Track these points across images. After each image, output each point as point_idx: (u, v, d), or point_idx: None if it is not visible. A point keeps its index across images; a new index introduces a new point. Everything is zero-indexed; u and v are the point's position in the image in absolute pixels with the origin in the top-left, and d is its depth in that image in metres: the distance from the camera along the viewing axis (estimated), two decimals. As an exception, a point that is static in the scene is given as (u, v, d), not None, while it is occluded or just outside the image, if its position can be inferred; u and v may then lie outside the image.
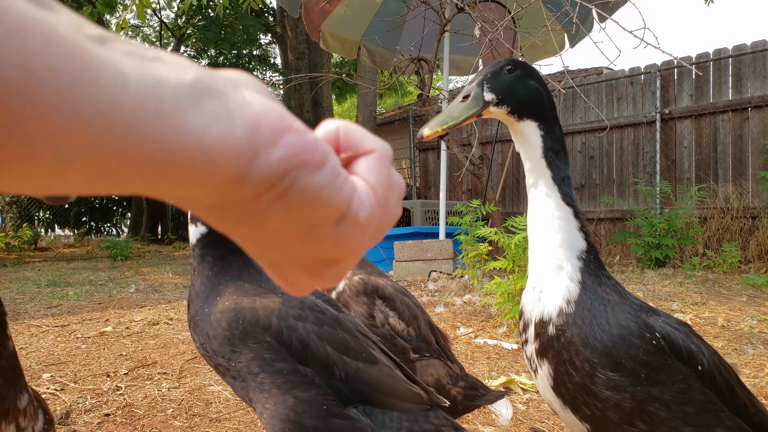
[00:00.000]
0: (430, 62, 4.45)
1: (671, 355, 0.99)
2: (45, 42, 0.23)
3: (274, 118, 0.30)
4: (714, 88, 6.83)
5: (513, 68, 1.07)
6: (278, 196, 0.31)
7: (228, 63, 12.88)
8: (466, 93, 1.07)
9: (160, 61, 0.28)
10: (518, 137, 1.11)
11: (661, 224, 6.16)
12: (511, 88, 1.06)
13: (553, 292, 1.04)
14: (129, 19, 14.74)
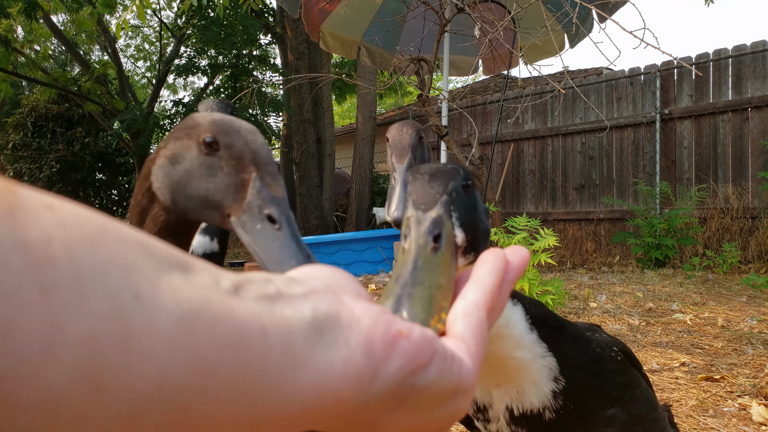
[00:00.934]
0: (429, 62, 4.45)
1: (630, 365, 1.00)
2: (211, 331, 0.24)
3: (383, 328, 0.31)
4: (714, 88, 6.83)
5: (472, 185, 0.64)
6: (398, 404, 0.31)
7: (228, 63, 12.87)
8: (434, 230, 0.55)
9: (281, 297, 0.29)
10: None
11: (661, 224, 6.16)
12: (477, 223, 0.61)
13: (537, 385, 0.89)
14: (129, 19, 14.73)
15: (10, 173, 16.17)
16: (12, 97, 15.31)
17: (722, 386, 2.33)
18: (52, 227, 0.22)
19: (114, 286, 0.22)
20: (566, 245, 7.87)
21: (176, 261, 0.26)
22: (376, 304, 0.34)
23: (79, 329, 0.21)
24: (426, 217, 0.57)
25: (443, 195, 0.59)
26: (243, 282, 0.29)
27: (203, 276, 0.27)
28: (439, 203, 0.58)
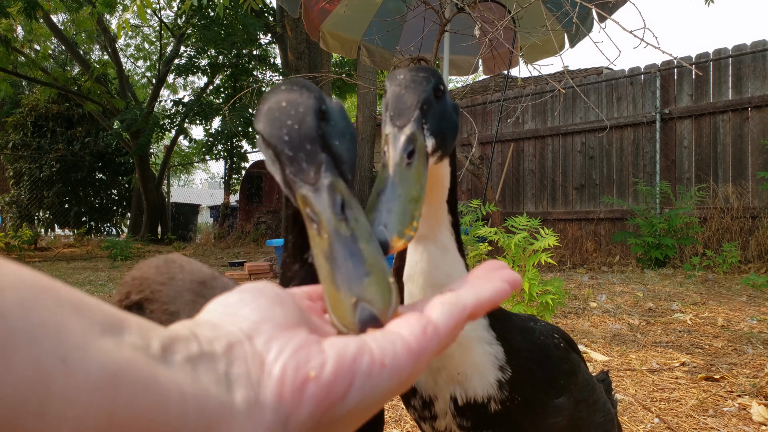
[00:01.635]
0: (429, 62, 4.45)
1: (571, 351, 0.99)
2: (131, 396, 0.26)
3: (292, 376, 0.32)
4: (714, 88, 6.83)
5: (442, 89, 0.71)
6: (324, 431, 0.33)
7: (228, 62, 12.88)
8: (407, 147, 0.63)
9: (202, 357, 0.31)
10: (429, 201, 0.80)
11: (661, 224, 6.16)
12: (445, 126, 0.70)
13: (480, 370, 0.86)
14: (129, 19, 14.73)
15: (10, 173, 16.16)
16: (12, 96, 15.31)
17: (722, 386, 2.33)
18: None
19: (42, 351, 0.23)
20: (566, 245, 7.87)
21: (109, 322, 0.28)
22: (296, 333, 0.35)
23: (1, 393, 0.22)
24: (400, 135, 0.64)
25: (416, 110, 0.66)
26: (171, 341, 0.30)
27: (134, 337, 0.28)
28: (413, 120, 0.65)
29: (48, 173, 15.74)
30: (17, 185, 16.04)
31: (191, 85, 22.42)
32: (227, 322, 0.35)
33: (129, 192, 17.37)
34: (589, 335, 3.18)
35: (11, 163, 16.08)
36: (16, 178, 16.06)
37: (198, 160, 20.22)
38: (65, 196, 16.20)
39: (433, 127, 0.67)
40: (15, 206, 15.88)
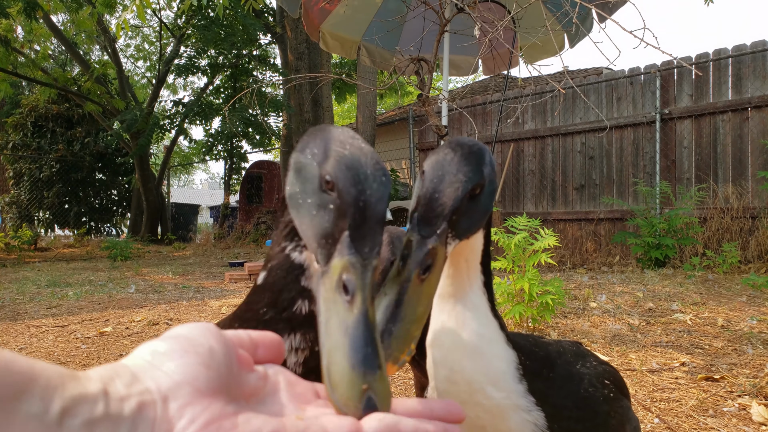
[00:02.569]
0: (429, 62, 4.45)
1: (621, 396, 0.93)
2: None
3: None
4: (714, 88, 6.83)
5: (480, 186, 0.69)
6: None
7: (228, 63, 12.87)
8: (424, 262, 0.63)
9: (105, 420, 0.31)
10: (457, 249, 0.76)
11: (661, 224, 6.16)
12: (475, 221, 0.70)
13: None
14: (129, 19, 14.72)
15: (10, 173, 16.16)
16: (12, 97, 15.30)
17: (722, 386, 2.33)
18: None
19: None
20: (566, 245, 7.87)
21: (10, 390, 0.28)
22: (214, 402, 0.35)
23: None
24: (422, 247, 0.63)
25: (444, 221, 0.65)
26: (75, 403, 0.30)
27: (33, 404, 0.28)
28: (438, 232, 0.64)
29: (48, 173, 15.74)
30: (17, 185, 16.04)
31: (191, 85, 22.43)
32: (148, 375, 0.35)
33: (129, 192, 17.37)
34: (589, 335, 3.18)
35: (11, 163, 16.08)
36: (16, 179, 16.06)
37: (198, 161, 20.22)
38: (65, 196, 16.20)
39: (460, 231, 0.67)
40: (15, 206, 15.88)
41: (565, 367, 0.90)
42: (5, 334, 3.59)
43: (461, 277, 0.78)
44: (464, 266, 0.78)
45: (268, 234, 12.86)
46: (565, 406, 0.84)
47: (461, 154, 0.70)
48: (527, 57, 6.31)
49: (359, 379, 0.45)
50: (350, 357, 0.47)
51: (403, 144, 12.08)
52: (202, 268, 8.11)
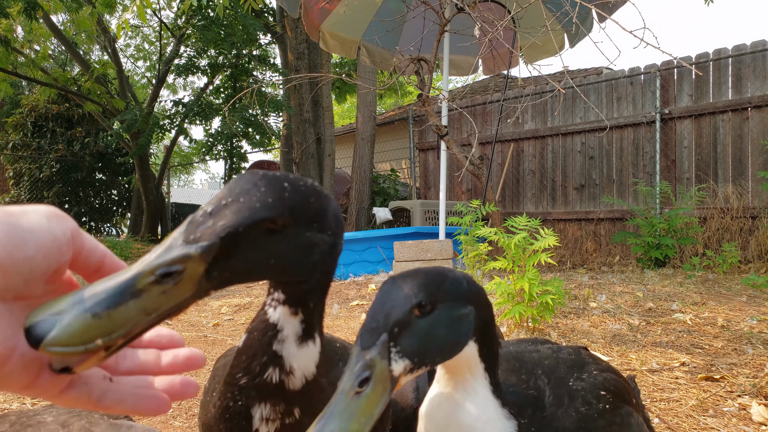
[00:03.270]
0: (429, 62, 4.45)
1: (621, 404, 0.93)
2: None
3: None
4: (714, 88, 6.83)
5: (429, 304, 0.66)
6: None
7: (228, 63, 12.86)
8: (360, 376, 0.60)
9: None
10: (449, 365, 0.76)
11: (661, 224, 6.16)
12: (434, 342, 0.67)
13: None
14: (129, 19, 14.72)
15: (10, 173, 16.16)
16: (12, 97, 15.30)
17: (722, 386, 2.33)
18: None
19: None
20: (566, 245, 7.87)
21: None
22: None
23: None
24: (358, 359, 0.61)
25: (383, 332, 0.63)
26: None
27: None
28: (376, 344, 0.62)
29: (48, 173, 15.74)
30: (17, 185, 16.04)
31: (191, 85, 22.42)
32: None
33: (129, 192, 17.37)
34: (589, 335, 3.18)
35: (11, 163, 16.08)
36: (16, 179, 16.07)
37: (198, 161, 20.22)
38: (65, 196, 16.21)
39: (408, 348, 0.64)
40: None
41: (556, 388, 0.88)
42: (5, 334, 3.59)
43: (459, 367, 0.76)
44: (461, 366, 0.76)
45: (268, 234, 12.82)
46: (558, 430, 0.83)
47: (407, 276, 0.69)
48: (527, 57, 6.31)
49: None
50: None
51: (403, 144, 12.08)
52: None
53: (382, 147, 12.95)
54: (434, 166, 9.79)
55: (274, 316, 0.71)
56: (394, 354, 0.63)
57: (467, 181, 9.35)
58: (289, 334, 0.71)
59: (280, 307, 0.71)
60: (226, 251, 0.52)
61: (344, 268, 6.09)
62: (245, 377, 0.73)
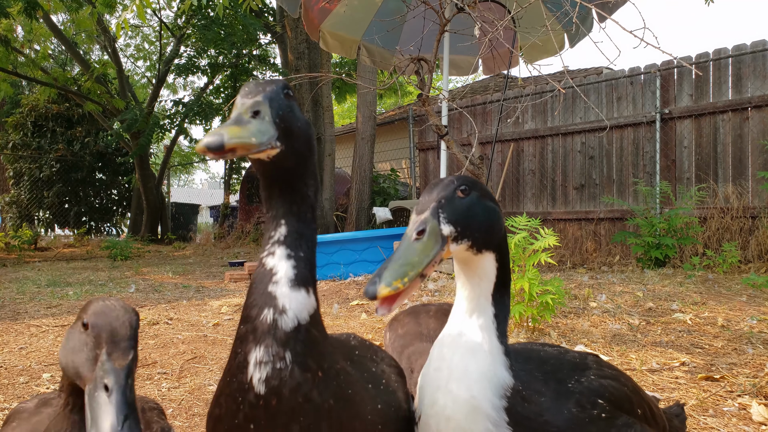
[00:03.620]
0: (429, 62, 4.45)
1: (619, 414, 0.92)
2: None
3: None
4: (714, 88, 6.83)
5: (467, 190, 0.86)
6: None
7: (228, 62, 12.88)
8: (419, 227, 0.81)
9: None
10: (469, 270, 0.90)
11: (661, 224, 6.16)
12: (470, 217, 0.85)
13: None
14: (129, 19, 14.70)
15: (10, 173, 16.15)
16: (12, 96, 15.29)
17: (722, 386, 2.33)
18: None
19: None
20: (566, 245, 7.87)
21: None
22: None
23: None
24: (417, 219, 0.84)
25: (432, 202, 0.85)
26: None
27: None
28: (429, 209, 0.84)
29: (48, 173, 15.73)
30: (17, 185, 16.04)
31: (191, 85, 22.41)
32: None
33: (129, 192, 17.36)
34: (589, 335, 3.18)
35: (11, 163, 16.07)
36: (16, 178, 16.06)
37: (198, 160, 20.21)
38: (65, 196, 16.20)
39: (451, 216, 0.84)
40: (15, 206, 15.87)
41: (555, 387, 0.91)
42: (5, 334, 3.59)
43: (471, 304, 0.90)
44: (474, 293, 0.90)
45: (268, 234, 12.83)
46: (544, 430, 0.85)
47: (452, 177, 0.90)
48: (527, 57, 6.31)
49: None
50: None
51: (403, 144, 12.08)
52: (202, 268, 8.11)
53: (382, 147, 12.95)
54: (434, 166, 9.79)
55: (270, 263, 0.82)
56: (442, 218, 0.84)
57: (467, 181, 9.35)
58: (282, 277, 0.81)
59: (278, 250, 0.83)
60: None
61: (344, 268, 6.09)
62: (245, 325, 0.81)
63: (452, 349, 0.87)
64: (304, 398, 0.75)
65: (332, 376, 0.80)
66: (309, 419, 0.75)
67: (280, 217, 0.85)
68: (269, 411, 0.75)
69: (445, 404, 0.84)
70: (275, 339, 0.76)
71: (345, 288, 5.26)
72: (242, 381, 0.77)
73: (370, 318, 3.80)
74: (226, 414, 0.79)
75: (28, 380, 2.60)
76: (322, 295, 5.01)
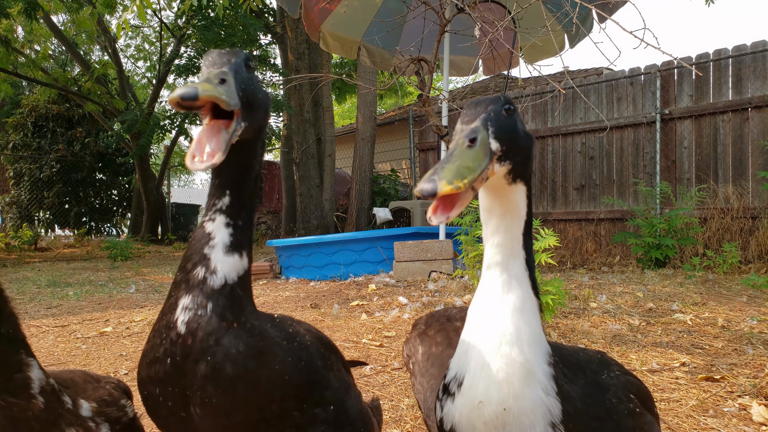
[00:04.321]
0: (430, 62, 4.45)
1: (646, 412, 0.91)
2: None
3: None
4: (714, 88, 6.83)
5: (512, 110, 0.85)
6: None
7: (228, 63, 12.85)
8: (471, 135, 0.79)
9: None
10: (501, 205, 0.86)
11: (661, 224, 6.16)
12: (513, 138, 0.83)
13: (528, 416, 0.78)
14: (129, 19, 14.71)
15: (10, 173, 16.15)
16: (12, 97, 15.29)
17: (722, 386, 2.33)
18: None
19: None
20: (566, 245, 7.87)
21: None
22: None
23: None
24: (466, 128, 0.81)
25: (482, 114, 0.83)
26: None
27: None
28: (479, 119, 0.82)
29: (48, 174, 15.73)
30: (17, 185, 16.04)
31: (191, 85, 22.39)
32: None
33: (129, 192, 17.36)
34: (589, 335, 3.18)
35: (11, 163, 16.07)
36: (16, 179, 16.06)
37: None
38: (65, 196, 16.20)
39: (497, 132, 0.82)
40: (15, 206, 15.87)
41: (592, 374, 0.90)
42: (5, 334, 3.59)
43: (505, 249, 0.87)
44: (508, 235, 0.87)
45: (269, 234, 12.85)
46: (587, 413, 0.83)
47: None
48: (527, 57, 6.31)
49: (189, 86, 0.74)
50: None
51: (403, 144, 12.08)
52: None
53: (382, 147, 12.94)
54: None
55: (209, 227, 0.91)
56: (491, 132, 0.81)
57: (467, 182, 9.35)
58: (219, 242, 0.90)
59: (218, 218, 0.92)
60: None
61: (344, 268, 6.09)
62: (180, 273, 0.91)
63: (498, 307, 0.84)
64: (215, 342, 0.85)
65: (246, 329, 0.88)
66: (216, 359, 0.84)
67: (225, 187, 0.93)
68: (185, 349, 0.85)
69: (499, 368, 0.80)
70: (202, 291, 0.87)
71: (345, 288, 5.26)
72: (169, 320, 0.88)
73: (370, 318, 3.80)
74: (152, 348, 0.90)
75: (29, 380, 2.60)
76: (322, 295, 5.01)
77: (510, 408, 0.79)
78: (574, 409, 0.81)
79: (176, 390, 0.86)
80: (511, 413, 0.79)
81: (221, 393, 0.84)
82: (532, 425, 0.78)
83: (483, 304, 0.86)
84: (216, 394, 0.84)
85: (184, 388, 0.85)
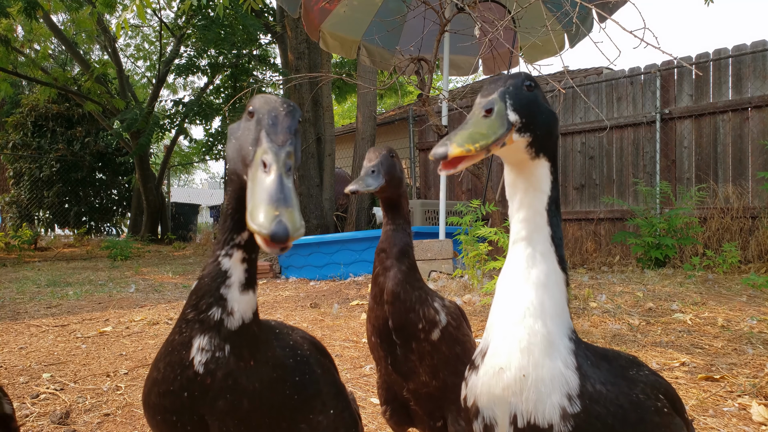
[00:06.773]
0: (429, 62, 4.45)
1: (675, 414, 0.90)
2: None
3: None
4: (714, 88, 6.83)
5: (533, 86, 0.87)
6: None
7: (228, 63, 12.87)
8: (487, 106, 0.82)
9: None
10: (524, 179, 0.89)
11: (661, 224, 6.16)
12: (534, 112, 0.85)
13: (545, 382, 0.80)
14: (129, 19, 14.71)
15: (10, 173, 16.15)
16: (12, 96, 15.29)
17: (722, 386, 2.33)
18: None
19: None
20: (566, 245, 7.88)
21: None
22: None
23: None
24: (483, 100, 0.84)
25: (500, 88, 0.85)
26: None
27: None
28: (497, 92, 0.85)
29: (48, 173, 15.73)
30: (17, 185, 16.03)
31: (191, 85, 22.40)
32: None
33: (129, 192, 17.36)
34: (589, 335, 3.18)
35: (11, 163, 16.07)
36: (16, 178, 16.06)
37: (198, 160, 20.22)
38: (65, 196, 16.20)
39: (516, 104, 0.84)
40: (15, 206, 15.87)
41: (619, 368, 0.90)
42: (5, 334, 3.59)
43: (530, 224, 0.89)
44: (532, 210, 0.89)
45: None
46: (608, 398, 0.83)
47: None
48: (527, 57, 6.31)
49: (272, 207, 0.65)
50: (267, 198, 0.67)
51: (403, 144, 12.08)
52: (202, 268, 8.11)
53: (382, 147, 12.91)
54: (434, 166, 9.79)
55: (226, 264, 0.89)
56: (509, 104, 0.83)
57: (467, 181, 9.36)
58: (235, 281, 0.89)
59: (236, 254, 0.90)
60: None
61: (344, 268, 6.09)
62: (193, 312, 0.89)
63: (522, 282, 0.86)
64: (233, 381, 0.87)
65: (261, 363, 0.90)
66: (234, 396, 0.87)
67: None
68: (203, 387, 0.86)
69: (522, 337, 0.82)
70: (219, 333, 0.87)
71: (345, 288, 5.26)
72: (184, 357, 0.88)
73: (370, 318, 3.80)
74: (164, 379, 0.90)
75: (28, 380, 2.60)
76: (322, 295, 5.01)
77: (529, 374, 0.81)
78: (593, 388, 0.82)
79: (194, 417, 0.89)
80: (530, 379, 0.81)
81: (237, 422, 0.89)
82: (548, 394, 0.80)
83: (508, 278, 0.88)
84: (233, 424, 0.89)
85: (202, 415, 0.89)
